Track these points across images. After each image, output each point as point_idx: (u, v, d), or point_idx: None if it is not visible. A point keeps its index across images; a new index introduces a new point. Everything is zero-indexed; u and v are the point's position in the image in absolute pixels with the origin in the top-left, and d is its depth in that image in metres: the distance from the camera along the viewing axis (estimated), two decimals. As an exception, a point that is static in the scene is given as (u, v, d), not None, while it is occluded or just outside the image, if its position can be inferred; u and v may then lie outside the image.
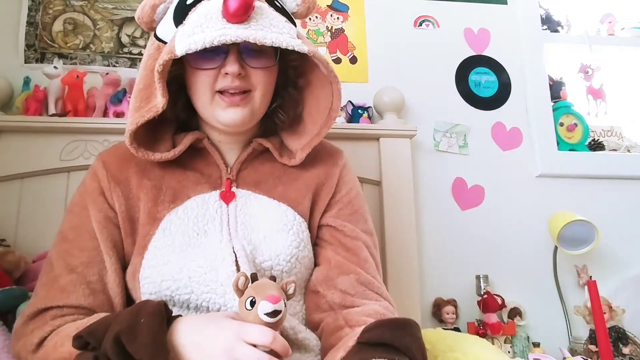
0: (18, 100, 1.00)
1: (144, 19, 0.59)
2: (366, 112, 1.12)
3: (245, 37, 0.50)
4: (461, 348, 0.58)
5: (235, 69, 0.54)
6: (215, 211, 0.59)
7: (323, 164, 0.66)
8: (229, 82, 0.55)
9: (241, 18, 0.51)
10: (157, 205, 0.59)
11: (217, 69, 0.56)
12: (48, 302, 0.53)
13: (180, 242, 0.55)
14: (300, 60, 0.63)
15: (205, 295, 0.53)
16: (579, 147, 1.25)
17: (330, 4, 1.23)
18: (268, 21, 0.53)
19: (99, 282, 0.56)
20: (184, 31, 0.52)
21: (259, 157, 0.65)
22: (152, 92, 0.56)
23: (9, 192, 0.94)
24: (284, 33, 0.53)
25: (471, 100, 1.23)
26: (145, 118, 0.55)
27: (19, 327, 0.54)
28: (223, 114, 0.57)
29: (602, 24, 1.41)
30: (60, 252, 0.57)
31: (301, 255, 0.58)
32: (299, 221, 0.60)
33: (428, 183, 1.16)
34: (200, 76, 0.57)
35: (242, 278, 0.45)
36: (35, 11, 1.09)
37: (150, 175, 0.61)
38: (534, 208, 1.18)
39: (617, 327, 1.03)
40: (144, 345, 0.42)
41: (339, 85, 0.60)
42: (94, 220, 0.58)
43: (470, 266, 1.12)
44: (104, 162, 0.62)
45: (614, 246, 1.17)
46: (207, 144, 0.63)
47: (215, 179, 0.62)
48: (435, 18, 1.27)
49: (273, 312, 0.43)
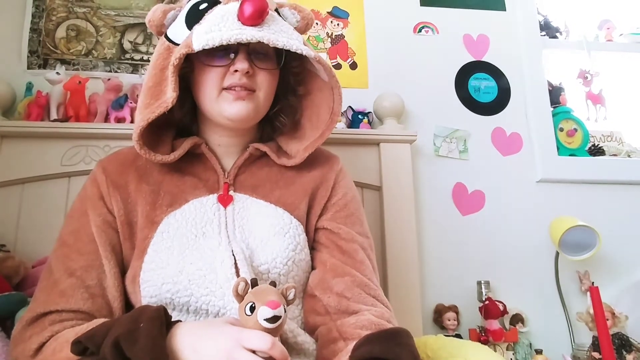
0: (20, 105, 1.01)
1: (155, 22, 0.62)
2: (366, 118, 1.13)
3: (259, 37, 0.54)
4: (463, 355, 0.58)
5: (245, 66, 0.58)
6: (213, 214, 0.59)
7: (320, 168, 0.67)
8: (236, 79, 0.58)
9: (256, 21, 0.55)
10: (155, 209, 0.59)
11: (226, 67, 0.59)
12: (47, 306, 0.53)
13: (179, 245, 0.56)
14: (300, 68, 0.66)
15: (204, 298, 0.53)
16: (579, 152, 1.25)
17: (330, 11, 1.25)
18: (279, 27, 0.58)
19: (98, 287, 0.56)
20: (200, 29, 0.56)
21: (256, 162, 0.66)
22: (161, 89, 0.59)
23: (9, 197, 0.94)
24: (293, 39, 0.58)
25: (471, 105, 1.24)
26: (155, 114, 0.57)
27: (17, 332, 0.54)
28: (229, 107, 0.59)
29: (600, 30, 1.42)
30: (59, 257, 0.58)
31: (298, 258, 0.59)
32: (295, 225, 0.61)
33: (428, 188, 1.16)
34: (209, 72, 0.59)
35: (242, 283, 0.45)
36: (39, 18, 1.11)
37: (149, 180, 0.62)
38: (534, 213, 1.18)
39: (621, 334, 1.02)
40: (143, 350, 0.42)
41: (340, 90, 0.64)
42: (93, 225, 0.58)
43: (472, 272, 1.11)
44: (103, 168, 0.63)
45: (616, 252, 1.17)
46: (204, 149, 0.64)
47: (213, 183, 0.63)
48: (434, 24, 1.28)
49: (273, 318, 0.43)
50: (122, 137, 0.97)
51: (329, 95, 0.64)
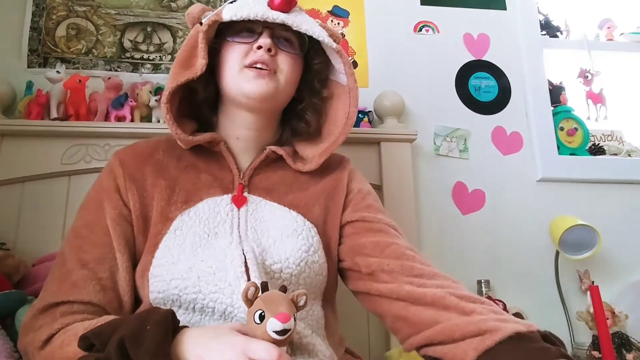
0: (20, 104, 1.01)
1: (193, 14, 0.66)
2: (367, 117, 1.13)
3: (285, 19, 0.59)
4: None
5: (268, 42, 0.60)
6: (227, 214, 0.59)
7: (332, 172, 0.68)
8: (258, 56, 0.60)
9: (285, 8, 0.60)
10: (170, 205, 0.59)
11: (250, 44, 0.62)
12: (59, 296, 0.53)
13: (190, 243, 0.56)
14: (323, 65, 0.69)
15: (212, 295, 0.52)
16: (580, 151, 1.25)
17: (330, 10, 1.24)
18: (305, 18, 0.63)
19: (110, 279, 0.56)
20: (232, 5, 0.61)
21: (271, 165, 0.67)
22: (191, 63, 0.61)
23: (9, 196, 0.94)
24: (316, 28, 0.62)
25: (471, 104, 1.24)
26: (185, 78, 0.59)
27: (28, 320, 0.54)
28: (249, 84, 0.61)
29: (600, 29, 1.41)
30: (73, 248, 0.57)
31: (311, 260, 0.58)
32: (308, 227, 0.61)
33: (428, 187, 1.16)
34: (234, 48, 0.62)
35: (252, 288, 0.44)
36: (39, 16, 1.11)
37: (165, 176, 0.62)
38: (534, 212, 1.18)
39: (621, 333, 1.02)
40: (147, 352, 0.42)
41: (356, 92, 0.65)
42: (108, 217, 0.58)
43: (471, 271, 1.11)
44: (120, 160, 0.63)
45: (616, 251, 1.17)
46: (222, 147, 0.65)
47: (228, 183, 0.63)
48: (435, 23, 1.27)
49: (282, 331, 0.42)
50: (123, 136, 0.97)
51: (346, 99, 0.66)
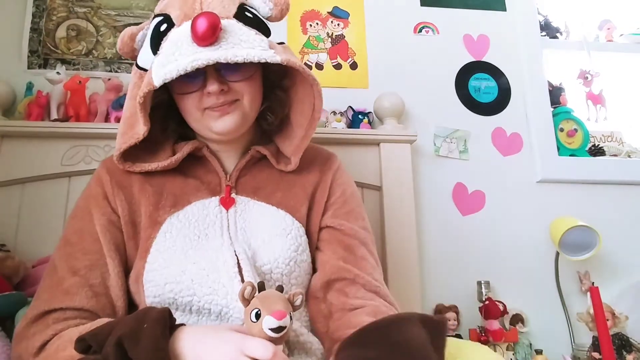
0: (20, 105, 1.01)
1: (125, 50, 0.62)
2: (366, 118, 1.13)
3: (216, 58, 0.51)
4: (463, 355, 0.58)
5: (216, 87, 0.55)
6: (216, 216, 0.60)
7: (318, 169, 0.67)
8: (214, 100, 0.57)
9: (210, 40, 0.52)
10: (158, 209, 0.60)
11: (199, 91, 0.57)
12: (51, 304, 0.53)
13: (181, 245, 0.56)
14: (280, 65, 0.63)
15: (207, 297, 0.53)
16: (580, 152, 1.25)
17: (330, 11, 1.25)
18: (237, 38, 0.54)
19: (102, 285, 0.56)
20: (158, 62, 0.54)
21: (257, 164, 0.66)
22: (136, 119, 0.58)
23: (9, 197, 0.94)
24: (255, 47, 0.54)
25: (471, 105, 1.24)
26: (127, 144, 0.59)
27: (21, 329, 0.54)
28: (216, 124, 0.59)
29: (600, 30, 1.42)
30: (63, 256, 0.58)
31: (300, 259, 0.59)
32: (297, 226, 0.61)
33: (428, 188, 1.16)
34: (185, 99, 0.59)
35: (249, 288, 0.45)
36: (39, 18, 1.11)
37: (152, 182, 0.62)
38: (534, 213, 1.18)
39: (621, 334, 1.02)
40: (145, 350, 0.42)
41: (319, 86, 0.61)
42: (97, 224, 0.59)
43: (472, 272, 1.11)
44: (107, 168, 0.63)
45: (616, 252, 1.17)
46: (206, 152, 0.64)
47: (215, 185, 0.63)
48: (434, 24, 1.28)
49: (278, 328, 0.43)
50: (123, 137, 0.97)
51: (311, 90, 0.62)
